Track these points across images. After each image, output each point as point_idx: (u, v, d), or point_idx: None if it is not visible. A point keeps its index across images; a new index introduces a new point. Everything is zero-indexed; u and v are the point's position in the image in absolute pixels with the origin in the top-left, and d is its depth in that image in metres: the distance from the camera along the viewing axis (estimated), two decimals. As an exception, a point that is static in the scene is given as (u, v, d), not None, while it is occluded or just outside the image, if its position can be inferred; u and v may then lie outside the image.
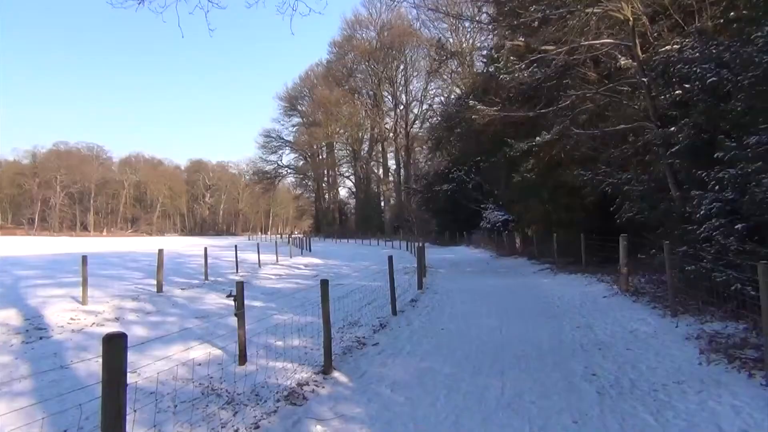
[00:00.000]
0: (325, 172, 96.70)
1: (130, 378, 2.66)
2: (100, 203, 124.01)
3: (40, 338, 8.35)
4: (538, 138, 15.91)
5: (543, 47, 14.37)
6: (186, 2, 7.23)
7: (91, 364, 6.64)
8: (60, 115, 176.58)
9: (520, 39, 16.93)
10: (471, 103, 18.33)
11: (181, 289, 14.64)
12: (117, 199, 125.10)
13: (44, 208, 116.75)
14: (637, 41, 12.78)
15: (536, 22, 14.45)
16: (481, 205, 37.83)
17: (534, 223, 24.78)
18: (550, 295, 13.17)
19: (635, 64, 13.16)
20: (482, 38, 44.66)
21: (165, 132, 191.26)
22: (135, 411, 4.41)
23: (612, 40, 13.66)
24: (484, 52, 37.16)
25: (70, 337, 8.50)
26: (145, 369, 6.11)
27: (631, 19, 12.38)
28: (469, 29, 52.47)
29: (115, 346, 2.71)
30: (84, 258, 12.19)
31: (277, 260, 25.44)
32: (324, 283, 6.69)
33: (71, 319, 9.92)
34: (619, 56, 14.48)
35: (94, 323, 9.66)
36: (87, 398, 4.97)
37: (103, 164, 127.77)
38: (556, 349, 7.53)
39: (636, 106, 14.04)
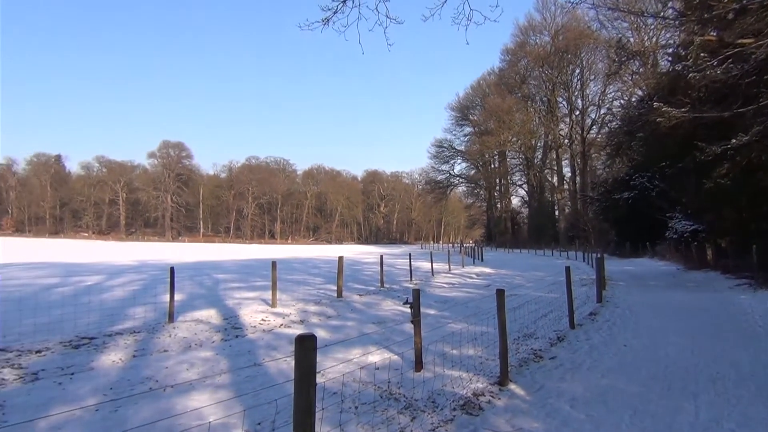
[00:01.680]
0: (497, 180, 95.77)
1: (317, 378, 2.83)
2: (286, 213, 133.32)
3: (236, 337, 9.15)
4: (734, 140, 14.43)
5: (739, 41, 13.04)
6: (366, 20, 7.55)
7: (281, 363, 7.14)
8: (252, 133, 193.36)
9: (712, 33, 15.54)
10: (655, 104, 17.09)
11: (359, 295, 15.27)
12: (300, 209, 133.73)
13: (238, 218, 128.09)
14: None
15: (731, 14, 13.18)
16: (667, 214, 35.08)
17: (728, 234, 22.58)
18: (749, 312, 11.89)
19: None
20: (667, 35, 41.58)
21: (343, 144, 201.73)
22: (323, 409, 4.65)
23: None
24: (670, 50, 34.55)
25: (262, 336, 9.21)
26: (328, 370, 6.45)
27: None
28: (652, 26, 49.14)
29: (306, 347, 2.90)
30: (273, 264, 13.16)
31: (449, 269, 25.63)
32: (500, 293, 6.61)
33: (262, 320, 10.76)
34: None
35: (282, 324, 10.38)
36: (278, 395, 5.37)
37: (289, 176, 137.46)
38: (759, 373, 6.76)
39: None
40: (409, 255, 25.70)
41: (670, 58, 31.97)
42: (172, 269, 10.92)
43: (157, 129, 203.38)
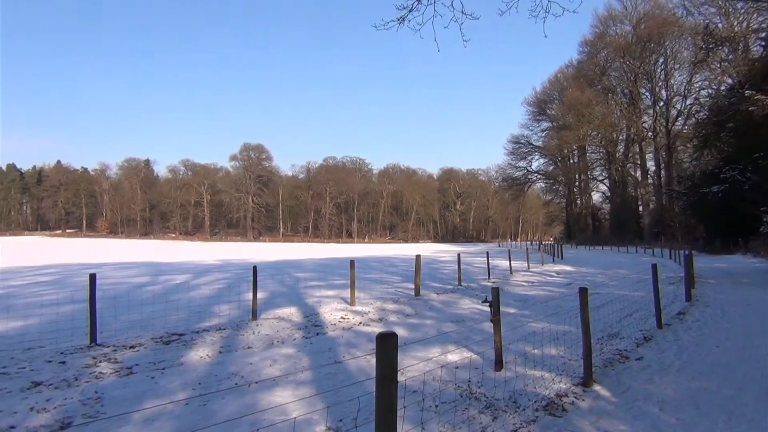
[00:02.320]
0: (577, 176, 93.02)
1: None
2: (362, 212, 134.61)
3: (317, 334, 9.30)
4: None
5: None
6: (441, 17, 7.50)
7: (360, 361, 7.21)
8: (329, 134, 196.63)
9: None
10: (747, 93, 16.22)
11: (437, 293, 15.22)
12: (376, 208, 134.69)
13: (316, 217, 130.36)
14: None
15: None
16: (761, 208, 33.08)
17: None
18: None
19: None
20: (759, 19, 39.30)
21: (418, 143, 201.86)
22: (404, 407, 4.65)
23: None
24: (763, 35, 32.65)
25: (341, 334, 9.32)
26: (408, 369, 6.46)
27: None
28: (742, 11, 46.46)
29: (387, 345, 2.91)
30: (352, 263, 13.32)
31: (528, 267, 25.17)
32: (583, 291, 6.41)
33: (342, 318, 10.90)
34: None
35: (360, 322, 10.48)
36: (359, 392, 5.42)
37: (365, 176, 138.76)
38: None
39: None
40: (487, 253, 25.41)
41: (763, 43, 30.19)
42: (254, 268, 11.21)
43: (238, 132, 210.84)
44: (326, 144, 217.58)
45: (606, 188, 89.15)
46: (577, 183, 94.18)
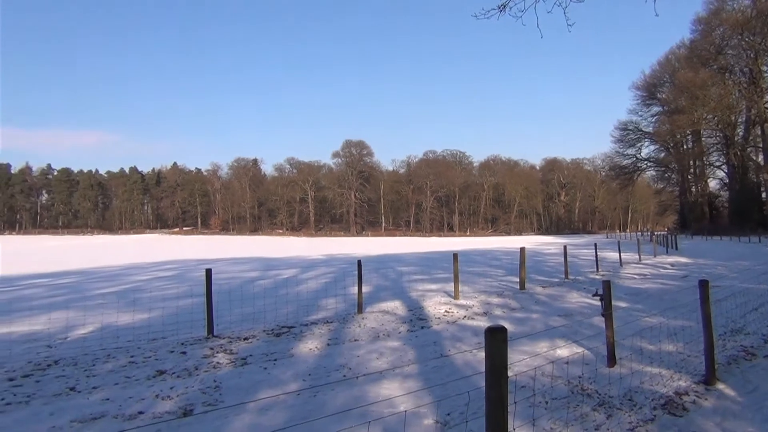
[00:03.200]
0: (691, 162, 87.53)
1: (507, 372, 2.79)
2: (463, 205, 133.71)
3: (422, 328, 9.33)
4: None
5: None
6: (544, 2, 7.26)
7: (466, 355, 7.16)
8: (429, 128, 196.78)
9: None
10: None
11: (542, 286, 14.87)
12: (478, 201, 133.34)
13: (417, 211, 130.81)
14: None
15: None
16: None
17: None
18: None
19: None
20: None
21: (519, 134, 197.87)
22: (515, 403, 4.56)
23: None
24: None
25: (446, 327, 9.30)
26: (515, 363, 6.34)
27: None
28: None
29: (496, 339, 2.85)
30: (455, 256, 13.24)
31: (639, 259, 24.06)
32: (704, 284, 6.02)
33: (446, 311, 10.88)
34: None
35: (465, 316, 10.41)
36: (466, 386, 5.38)
37: (465, 169, 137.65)
38: None
39: None
40: (594, 245, 24.51)
41: None
42: (359, 262, 11.40)
43: (340, 129, 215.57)
44: (426, 138, 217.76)
45: (724, 174, 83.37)
46: (691, 170, 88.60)
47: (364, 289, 11.64)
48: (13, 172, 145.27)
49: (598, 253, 21.37)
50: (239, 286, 15.61)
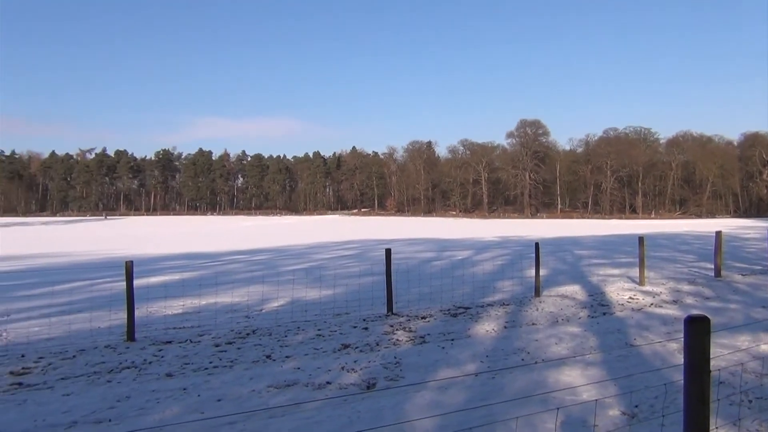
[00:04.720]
0: None
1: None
2: (648, 185, 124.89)
3: (603, 314, 8.91)
4: None
5: None
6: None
7: (655, 346, 6.72)
8: (609, 106, 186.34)
9: None
10: None
11: (742, 274, 13.50)
12: (664, 181, 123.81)
13: (596, 192, 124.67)
14: None
15: None
16: None
17: None
18: None
19: None
20: None
21: (712, 107, 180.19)
22: (719, 400, 4.19)
23: None
24: None
25: (631, 315, 8.78)
26: (714, 358, 5.84)
27: None
28: None
29: (698, 330, 2.63)
30: (641, 239, 12.41)
31: None
32: None
33: (630, 298, 10.29)
34: None
35: (652, 304, 9.76)
36: (655, 379, 5.07)
37: (650, 147, 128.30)
38: None
39: None
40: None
41: None
42: (537, 245, 11.14)
43: (514, 109, 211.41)
44: (606, 115, 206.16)
45: None
46: None
47: (541, 272, 11.36)
48: (214, 158, 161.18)
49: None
50: (416, 266, 16.01)
